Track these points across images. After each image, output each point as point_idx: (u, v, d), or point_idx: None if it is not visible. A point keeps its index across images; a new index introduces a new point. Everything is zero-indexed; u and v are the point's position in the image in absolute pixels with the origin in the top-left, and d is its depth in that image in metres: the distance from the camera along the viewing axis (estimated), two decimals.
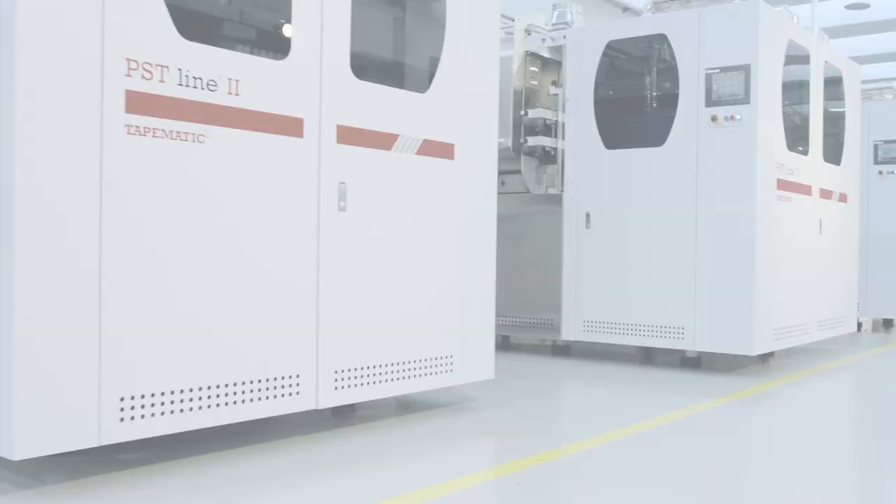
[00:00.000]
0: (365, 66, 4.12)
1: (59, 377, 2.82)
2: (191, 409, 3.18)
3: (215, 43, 3.45)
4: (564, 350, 6.81)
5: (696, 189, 5.77)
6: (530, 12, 6.82)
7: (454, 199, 4.38)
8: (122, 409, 2.98)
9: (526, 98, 6.67)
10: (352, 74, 3.83)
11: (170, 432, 3.13)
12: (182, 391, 3.15)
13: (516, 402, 4.85)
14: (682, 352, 6.07)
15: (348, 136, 3.81)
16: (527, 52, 6.68)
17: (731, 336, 5.64)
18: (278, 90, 3.54)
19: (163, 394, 3.09)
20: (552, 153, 6.59)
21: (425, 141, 4.19)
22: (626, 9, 17.20)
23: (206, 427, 3.26)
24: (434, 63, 4.35)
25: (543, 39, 6.62)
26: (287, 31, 3.64)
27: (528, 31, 6.66)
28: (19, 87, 2.75)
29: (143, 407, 3.04)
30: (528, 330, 6.69)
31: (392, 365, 4.03)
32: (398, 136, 4.06)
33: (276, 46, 3.70)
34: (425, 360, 4.22)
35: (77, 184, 2.88)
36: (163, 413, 3.10)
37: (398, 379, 4.07)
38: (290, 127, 3.58)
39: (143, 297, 3.05)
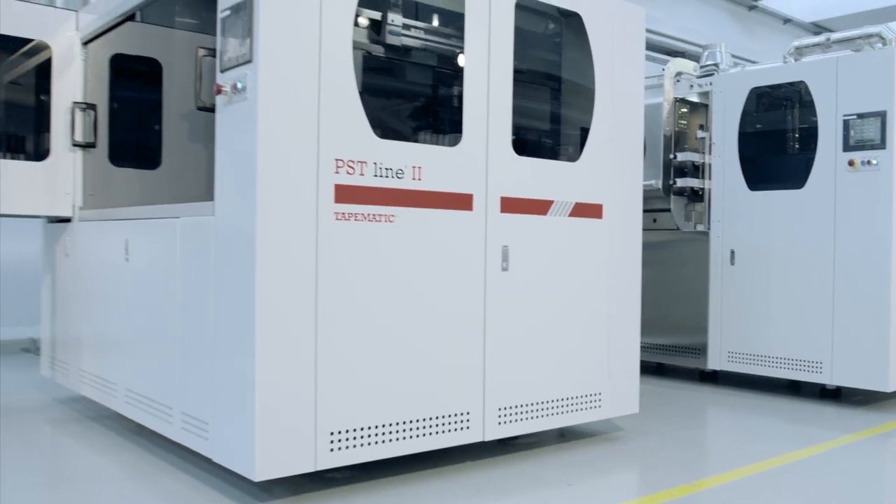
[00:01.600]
0: (524, 144, 4.75)
1: (285, 418, 3.57)
2: (383, 442, 3.90)
3: (402, 138, 4.18)
4: (712, 377, 7.15)
5: (833, 230, 6.06)
6: (679, 60, 7.21)
7: (602, 253, 4.91)
8: (331, 442, 3.72)
9: (675, 140, 7.07)
10: (513, 152, 4.44)
11: (367, 460, 3.85)
12: (377, 427, 3.87)
13: (661, 431, 5.27)
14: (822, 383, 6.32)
15: (510, 205, 4.43)
16: (676, 98, 7.09)
17: (867, 372, 5.90)
18: (452, 172, 4.19)
19: (363, 429, 3.82)
20: (700, 193, 6.97)
21: (577, 204, 4.76)
22: (786, 20, 17.03)
23: (395, 455, 3.95)
24: (584, 134, 4.88)
25: (691, 86, 7.01)
26: (459, 122, 4.26)
27: (677, 79, 7.07)
28: (260, 191, 3.50)
29: (347, 440, 3.77)
30: (679, 356, 7.11)
31: (546, 402, 4.60)
32: (553, 201, 4.64)
33: (451, 136, 4.39)
34: (576, 397, 4.76)
35: (300, 262, 3.60)
36: (362, 445, 3.83)
37: (552, 415, 4.64)
38: (462, 202, 4.23)
39: (347, 352, 3.76)
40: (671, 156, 6.99)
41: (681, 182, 6.93)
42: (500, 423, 4.38)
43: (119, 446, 4.63)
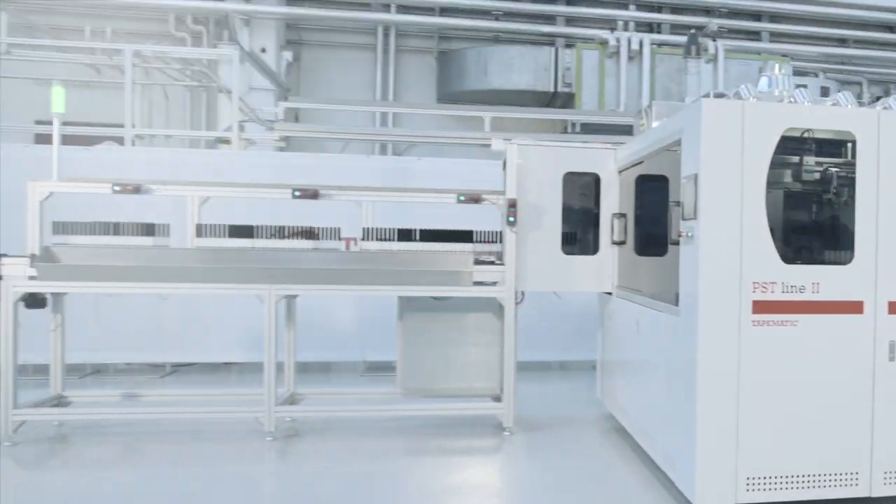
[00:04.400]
0: None
1: (716, 465, 4.90)
2: (786, 488, 4.95)
3: (803, 262, 5.14)
4: None
5: None
6: None
7: None
8: (747, 485, 4.92)
9: None
10: None
11: (773, 500, 4.90)
12: (782, 477, 4.97)
13: None
14: None
15: None
16: None
17: None
18: (845, 285, 5.03)
19: (771, 477, 4.95)
20: None
21: None
22: None
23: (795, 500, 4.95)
24: None
25: None
26: (851, 243, 5.06)
27: None
28: (701, 304, 4.92)
29: (759, 484, 4.93)
30: None
31: None
32: None
33: (843, 257, 5.17)
34: None
35: (727, 353, 4.92)
36: (769, 489, 4.95)
37: None
38: (853, 308, 5.05)
39: (759, 420, 4.93)
40: None
41: None
42: (884, 483, 5.07)
43: (629, 459, 6.34)
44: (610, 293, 7.47)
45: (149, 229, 7.14)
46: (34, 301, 6.80)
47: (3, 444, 6.43)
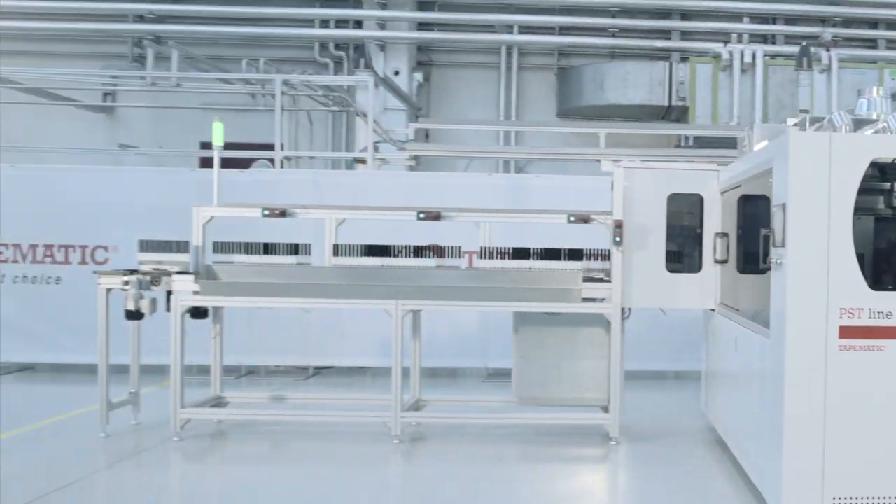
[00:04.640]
0: None
1: (802, 482, 5.04)
2: None
3: (891, 288, 5.26)
4: None
5: None
6: None
7: None
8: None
9: None
10: None
11: None
12: (863, 498, 5.06)
13: None
14: None
15: None
16: None
17: None
18: None
19: (853, 498, 5.06)
20: None
21: None
22: None
23: None
24: None
25: None
26: None
27: None
28: (788, 328, 5.08)
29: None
30: None
31: None
32: None
33: None
34: None
35: (814, 376, 5.07)
36: None
37: None
38: None
39: (845, 441, 5.05)
40: None
41: None
42: None
43: (727, 472, 6.51)
44: (713, 310, 7.63)
45: (293, 249, 7.92)
46: (198, 313, 7.74)
47: (172, 440, 7.35)
